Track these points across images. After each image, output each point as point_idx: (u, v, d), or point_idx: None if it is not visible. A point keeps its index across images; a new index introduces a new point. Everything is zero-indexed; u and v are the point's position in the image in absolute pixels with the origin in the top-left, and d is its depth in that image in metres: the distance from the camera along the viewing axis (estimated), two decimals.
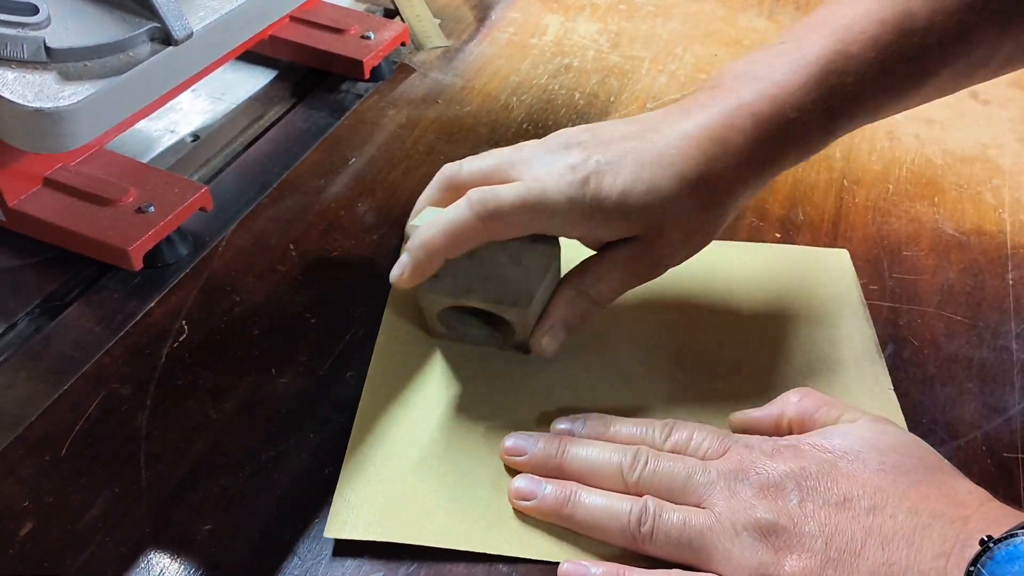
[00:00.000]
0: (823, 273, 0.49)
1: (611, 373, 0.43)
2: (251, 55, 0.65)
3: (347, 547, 0.36)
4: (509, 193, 0.38)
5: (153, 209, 0.47)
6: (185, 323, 0.45)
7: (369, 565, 0.35)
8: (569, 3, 0.76)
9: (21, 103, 0.37)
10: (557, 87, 0.65)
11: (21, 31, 0.38)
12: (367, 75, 0.63)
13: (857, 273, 0.49)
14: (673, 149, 0.39)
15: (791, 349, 0.45)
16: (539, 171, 0.39)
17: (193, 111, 0.60)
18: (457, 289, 0.41)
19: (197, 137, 0.58)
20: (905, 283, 0.49)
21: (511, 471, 0.38)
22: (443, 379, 0.42)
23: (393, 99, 0.63)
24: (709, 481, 0.35)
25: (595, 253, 0.42)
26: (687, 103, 0.41)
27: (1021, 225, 0.54)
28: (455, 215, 0.39)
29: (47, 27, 0.39)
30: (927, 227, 0.53)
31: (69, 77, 0.39)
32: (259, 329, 0.45)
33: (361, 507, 0.37)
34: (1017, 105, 0.64)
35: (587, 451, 0.37)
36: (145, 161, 0.55)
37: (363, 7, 0.72)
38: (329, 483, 0.38)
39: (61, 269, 0.48)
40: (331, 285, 0.48)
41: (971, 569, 0.29)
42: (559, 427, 0.40)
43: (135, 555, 0.35)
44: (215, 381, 0.42)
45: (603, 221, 0.39)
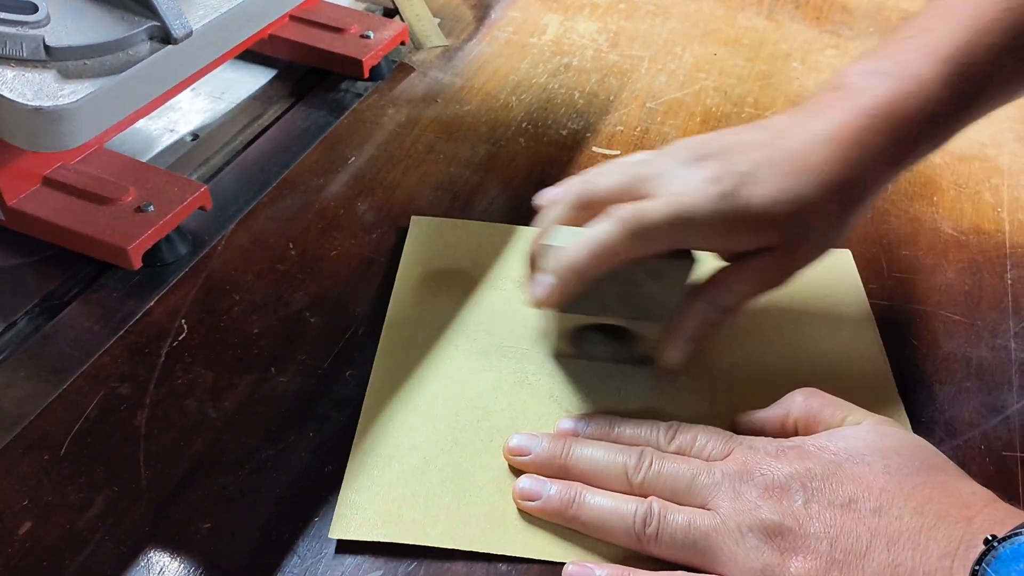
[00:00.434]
0: (826, 274, 0.49)
1: (614, 375, 0.43)
2: (251, 54, 0.65)
3: (348, 546, 0.36)
4: (657, 209, 0.37)
5: (152, 208, 0.47)
6: (184, 322, 0.45)
7: (369, 564, 0.35)
8: (568, 2, 0.76)
9: (20, 102, 0.37)
10: (556, 86, 0.65)
11: (20, 29, 0.38)
12: (366, 74, 0.63)
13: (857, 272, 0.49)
14: (815, 156, 0.38)
15: (796, 350, 0.45)
16: (678, 186, 0.38)
17: (192, 110, 0.60)
18: (596, 307, 0.40)
19: (196, 136, 0.58)
20: (904, 282, 0.49)
21: (515, 471, 0.38)
22: (446, 379, 0.42)
23: (392, 98, 0.63)
24: (714, 482, 0.35)
25: (728, 264, 0.41)
26: (812, 106, 0.40)
27: (1019, 224, 0.54)
28: (603, 233, 0.37)
29: (46, 25, 0.39)
30: (926, 226, 0.53)
31: (68, 76, 0.38)
32: (258, 328, 0.45)
33: (365, 507, 0.37)
34: (1016, 105, 0.63)
35: (592, 452, 0.37)
36: (144, 160, 0.54)
37: (362, 6, 0.72)
38: (329, 482, 0.38)
39: (60, 268, 0.48)
40: (331, 284, 0.48)
41: (976, 569, 0.29)
42: (563, 427, 0.40)
43: (135, 554, 0.35)
44: (215, 380, 0.42)
45: (746, 232, 0.38)
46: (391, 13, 0.72)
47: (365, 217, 0.52)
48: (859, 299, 0.47)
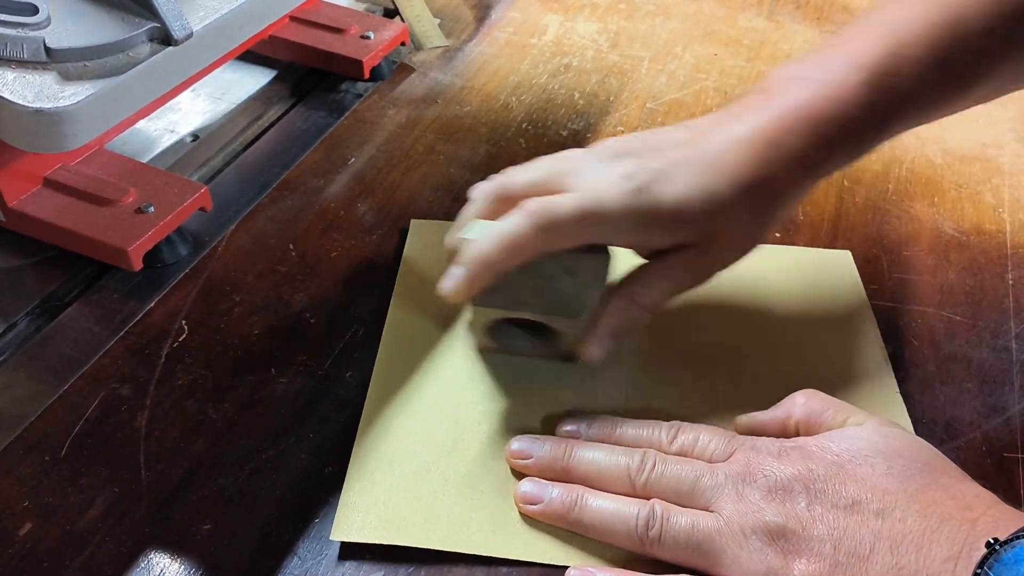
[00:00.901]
0: (827, 275, 0.49)
1: (615, 376, 0.43)
2: (251, 55, 0.65)
3: (349, 548, 0.36)
4: (566, 203, 0.38)
5: (153, 209, 0.47)
6: (185, 323, 0.45)
7: (369, 565, 0.35)
8: (569, 3, 0.76)
9: (21, 103, 0.37)
10: (556, 87, 0.65)
11: (21, 31, 0.38)
12: (367, 75, 0.63)
13: (857, 272, 0.49)
14: (729, 155, 0.38)
15: (796, 351, 0.45)
16: (592, 181, 0.39)
17: (193, 111, 0.60)
18: (509, 301, 0.40)
19: (197, 137, 0.58)
20: (905, 283, 0.49)
21: (517, 474, 0.38)
22: (448, 382, 0.42)
23: (393, 99, 0.63)
24: (716, 484, 0.35)
25: (645, 262, 0.41)
26: (737, 108, 0.41)
27: (1020, 225, 0.54)
28: (512, 227, 0.38)
29: (47, 27, 0.39)
30: (927, 227, 0.53)
31: (69, 77, 0.39)
32: (259, 329, 0.45)
33: (366, 510, 0.37)
34: (1017, 105, 0.64)
35: (594, 454, 0.37)
36: (145, 161, 0.55)
37: (363, 7, 0.72)
38: (329, 483, 0.38)
39: (61, 269, 0.48)
40: (331, 285, 0.48)
41: (978, 572, 0.29)
42: (565, 428, 0.40)
43: (135, 555, 0.35)
44: (215, 381, 0.42)
45: (659, 228, 0.39)
46: (391, 14, 0.72)
47: (365, 218, 0.52)
48: (859, 300, 0.47)
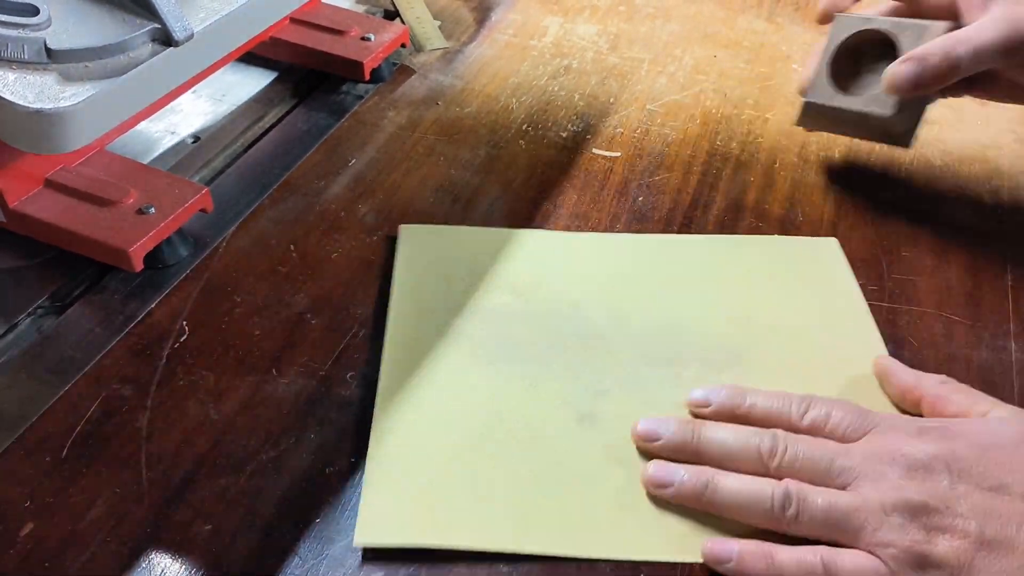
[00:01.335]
0: (815, 263, 0.49)
1: (629, 375, 0.43)
2: (251, 57, 0.65)
3: (349, 547, 0.36)
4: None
5: (154, 210, 0.47)
6: (186, 324, 0.45)
7: (369, 566, 0.35)
8: (569, 5, 0.76)
9: (22, 104, 0.37)
10: (557, 88, 0.65)
11: (22, 32, 0.38)
12: (367, 77, 0.63)
13: (856, 273, 0.49)
14: None
15: (790, 340, 0.45)
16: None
17: (194, 112, 0.60)
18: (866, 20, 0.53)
19: (198, 138, 0.58)
20: (904, 284, 0.49)
21: (543, 460, 0.38)
22: (456, 386, 0.42)
23: (393, 100, 0.63)
24: (852, 465, 0.35)
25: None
26: None
27: (1020, 226, 0.54)
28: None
29: (48, 28, 0.39)
30: (926, 227, 0.53)
31: (70, 78, 0.39)
32: (259, 330, 0.45)
33: (388, 514, 0.36)
34: (1016, 106, 0.64)
35: (723, 435, 0.37)
36: (146, 162, 0.55)
37: (363, 9, 0.72)
38: (330, 483, 0.38)
39: (62, 270, 0.48)
40: (331, 285, 0.48)
41: None
42: (695, 396, 0.40)
43: (136, 555, 0.35)
44: (216, 381, 0.42)
45: None
46: (392, 15, 0.72)
47: (366, 219, 0.52)
48: (848, 283, 0.48)
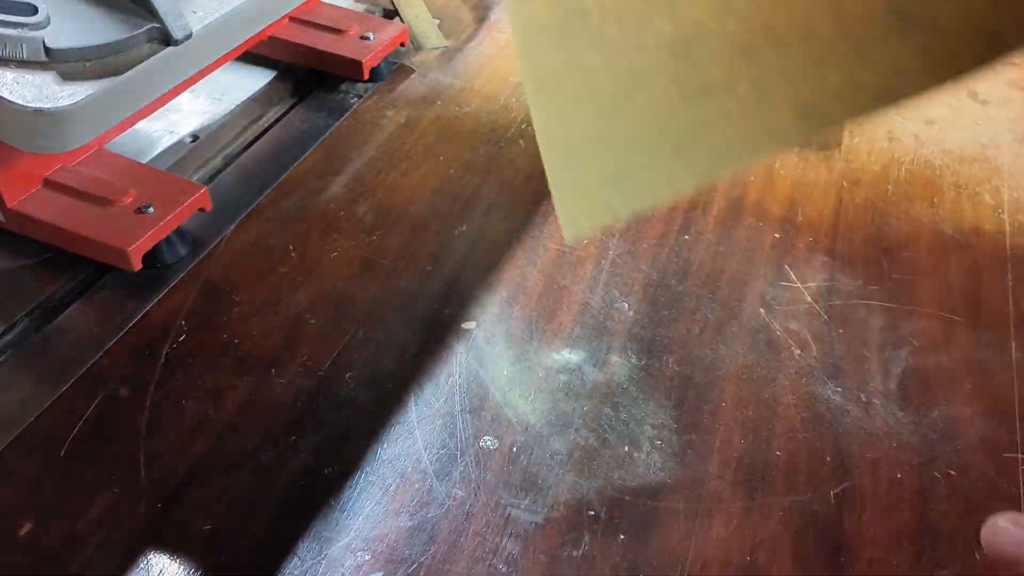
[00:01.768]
0: None
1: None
2: (250, 56, 0.65)
3: (350, 546, 0.36)
4: None
5: (152, 209, 0.47)
6: (184, 323, 0.45)
7: (369, 566, 0.35)
8: None
9: (20, 103, 0.37)
10: None
11: (21, 31, 0.38)
12: (366, 76, 0.63)
13: (856, 274, 0.49)
14: None
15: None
16: None
17: (192, 111, 0.60)
18: None
19: (196, 138, 0.58)
20: (904, 283, 0.49)
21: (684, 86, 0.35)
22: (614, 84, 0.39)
23: (392, 100, 0.63)
24: None
25: None
26: None
27: (1020, 225, 0.54)
28: None
29: (47, 27, 0.39)
30: (926, 228, 0.53)
31: (68, 77, 0.39)
32: (258, 330, 0.45)
33: (582, 201, 0.35)
34: (1016, 105, 0.64)
35: None
36: (144, 162, 0.54)
37: (362, 8, 0.72)
38: (329, 483, 0.38)
39: (60, 270, 0.47)
40: (331, 286, 0.48)
41: None
42: None
43: (135, 555, 0.35)
44: (215, 381, 0.42)
45: None
46: (391, 15, 0.72)
47: (365, 219, 0.52)
48: None
